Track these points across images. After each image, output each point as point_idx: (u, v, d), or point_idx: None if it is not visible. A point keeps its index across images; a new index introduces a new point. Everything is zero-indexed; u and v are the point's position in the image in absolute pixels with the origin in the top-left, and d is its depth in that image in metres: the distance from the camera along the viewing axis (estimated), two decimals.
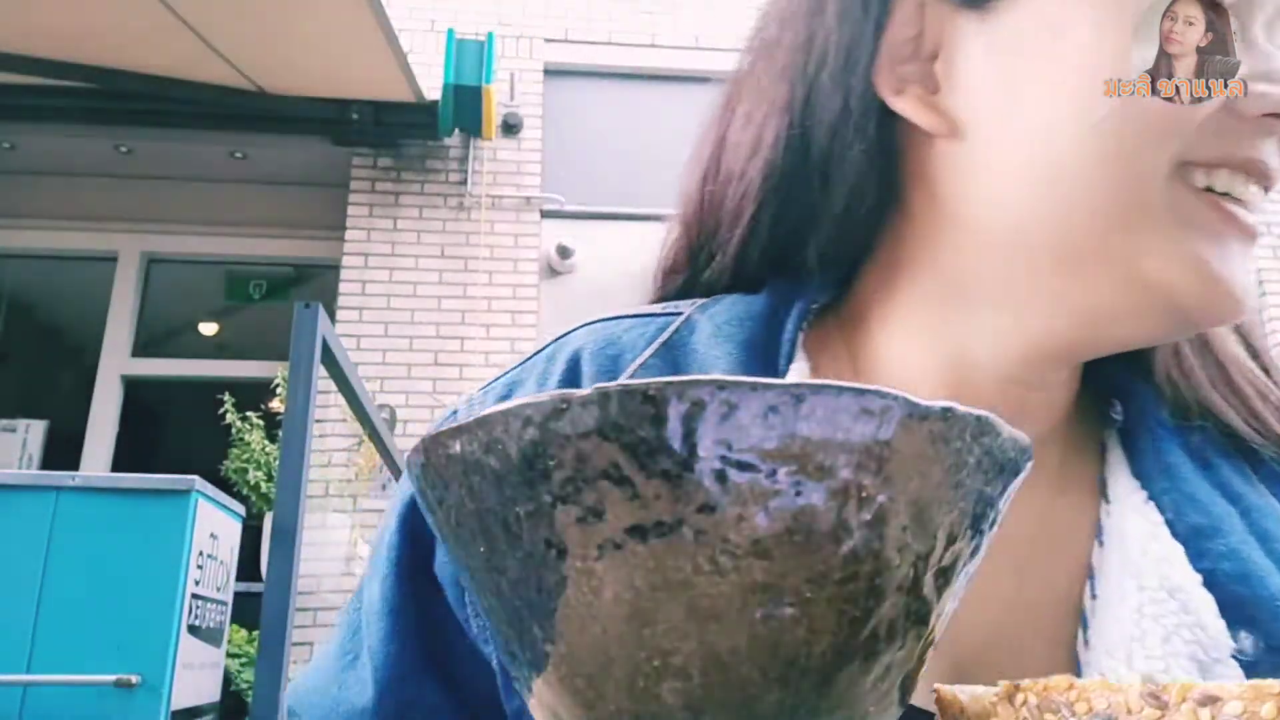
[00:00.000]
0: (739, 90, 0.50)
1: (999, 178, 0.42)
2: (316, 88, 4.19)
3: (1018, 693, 0.24)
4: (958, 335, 0.45)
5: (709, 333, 0.47)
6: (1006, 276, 0.43)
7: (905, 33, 0.43)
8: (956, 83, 0.43)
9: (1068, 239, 0.40)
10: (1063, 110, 0.39)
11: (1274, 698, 0.20)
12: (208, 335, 5.53)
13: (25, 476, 2.85)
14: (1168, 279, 0.39)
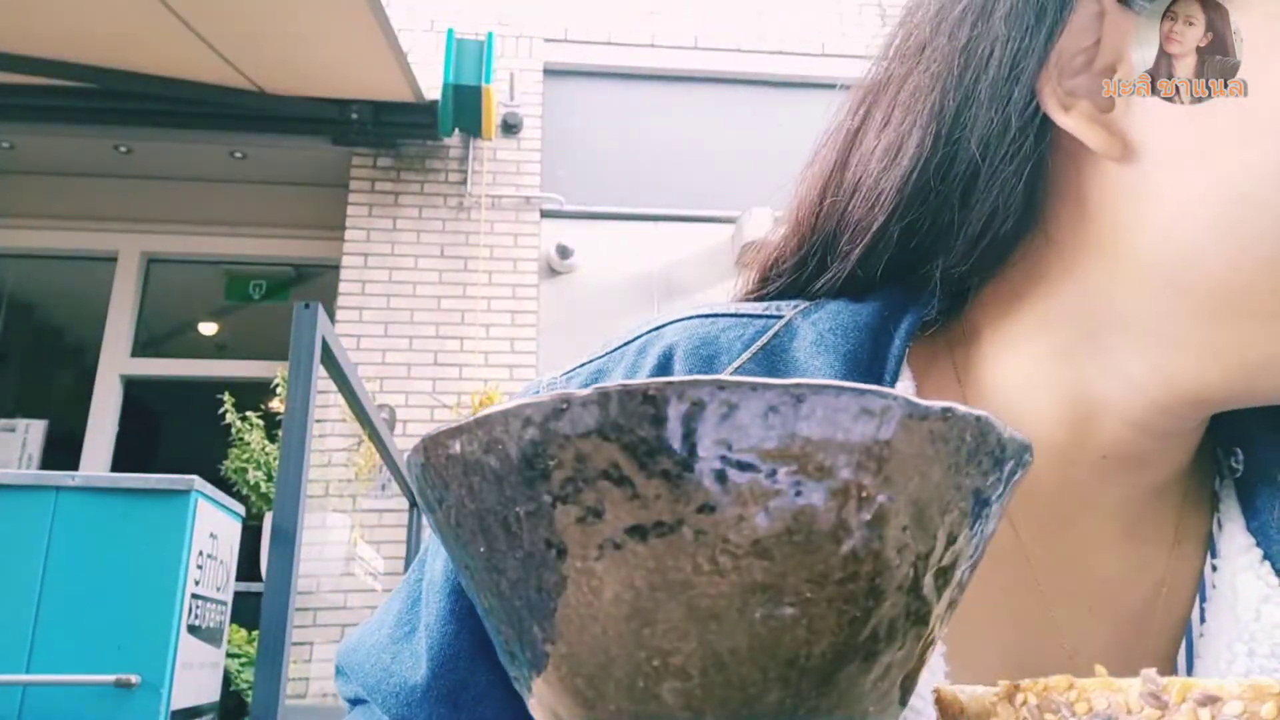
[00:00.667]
0: (878, 96, 0.46)
1: (1173, 210, 0.37)
2: (316, 88, 4.19)
3: (1018, 692, 0.24)
4: (1086, 371, 0.42)
5: (811, 340, 0.44)
6: (1160, 316, 0.38)
7: (1080, 42, 0.39)
8: (1136, 101, 0.38)
9: (1239, 284, 0.36)
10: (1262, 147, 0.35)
11: (1274, 698, 0.20)
12: (208, 335, 5.53)
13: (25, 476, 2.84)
14: None
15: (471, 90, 4.23)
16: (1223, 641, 0.40)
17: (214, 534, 2.67)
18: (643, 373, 0.45)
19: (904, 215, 0.43)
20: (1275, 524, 0.41)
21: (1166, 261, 0.37)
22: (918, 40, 0.44)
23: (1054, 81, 0.39)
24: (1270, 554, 0.41)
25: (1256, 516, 0.42)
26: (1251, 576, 0.41)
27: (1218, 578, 0.42)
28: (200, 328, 5.49)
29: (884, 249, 0.45)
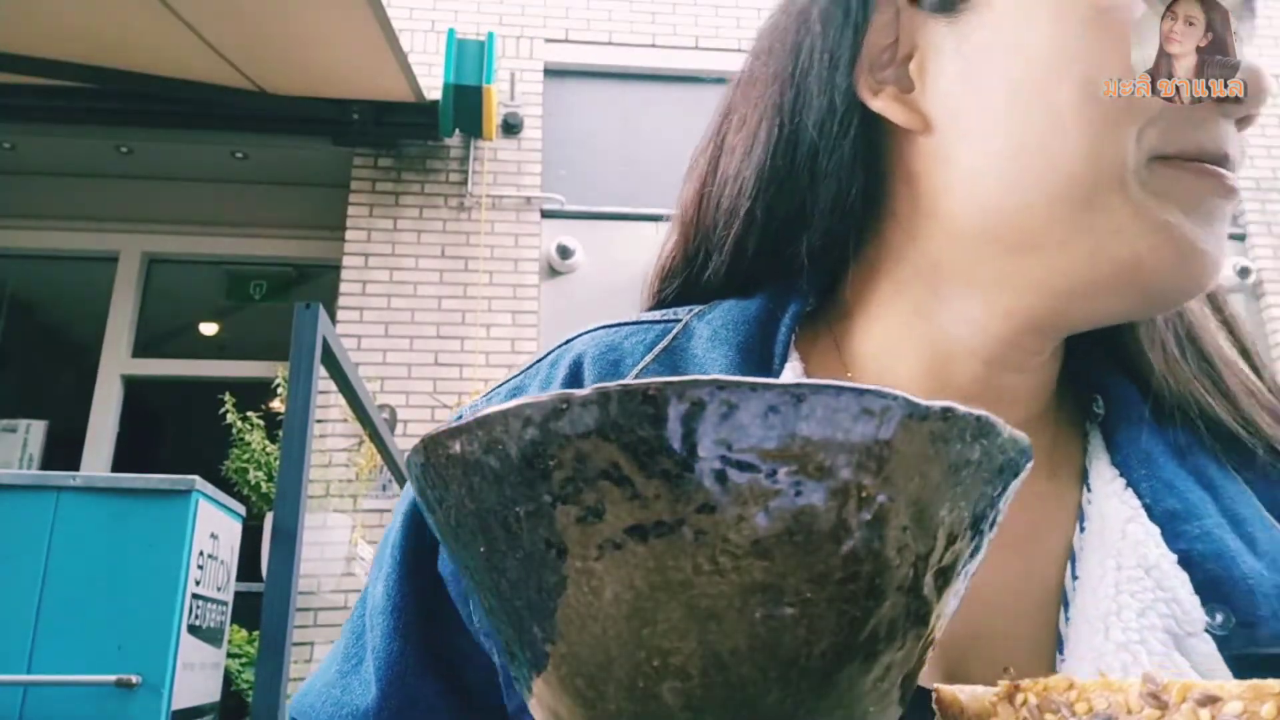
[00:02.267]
0: (736, 98, 0.53)
1: (970, 170, 0.44)
2: (316, 88, 4.19)
3: (1018, 693, 0.24)
4: (937, 323, 0.48)
5: (706, 337, 0.49)
6: (983, 262, 0.45)
7: (883, 39, 0.47)
8: (929, 82, 0.46)
9: (1034, 222, 0.43)
10: (1026, 102, 0.42)
11: (1274, 697, 0.20)
12: (208, 335, 5.53)
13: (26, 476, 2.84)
14: (1136, 251, 0.42)
15: (472, 90, 4.23)
16: (1095, 559, 0.44)
17: (215, 534, 2.67)
18: (556, 384, 0.49)
19: (764, 197, 0.50)
20: (1135, 457, 0.47)
21: (974, 215, 0.45)
22: (763, 46, 0.52)
23: (866, 72, 0.47)
24: (1131, 481, 0.46)
25: (1118, 451, 0.48)
26: (1117, 502, 0.46)
27: (1091, 507, 0.47)
28: (201, 328, 5.49)
29: (753, 233, 0.51)
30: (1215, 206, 0.42)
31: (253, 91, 4.14)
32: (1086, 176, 0.41)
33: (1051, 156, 0.42)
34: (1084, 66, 0.41)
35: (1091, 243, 0.42)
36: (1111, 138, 0.41)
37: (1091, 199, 0.41)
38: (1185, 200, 0.42)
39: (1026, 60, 0.42)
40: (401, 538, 0.48)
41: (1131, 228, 0.41)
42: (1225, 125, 0.43)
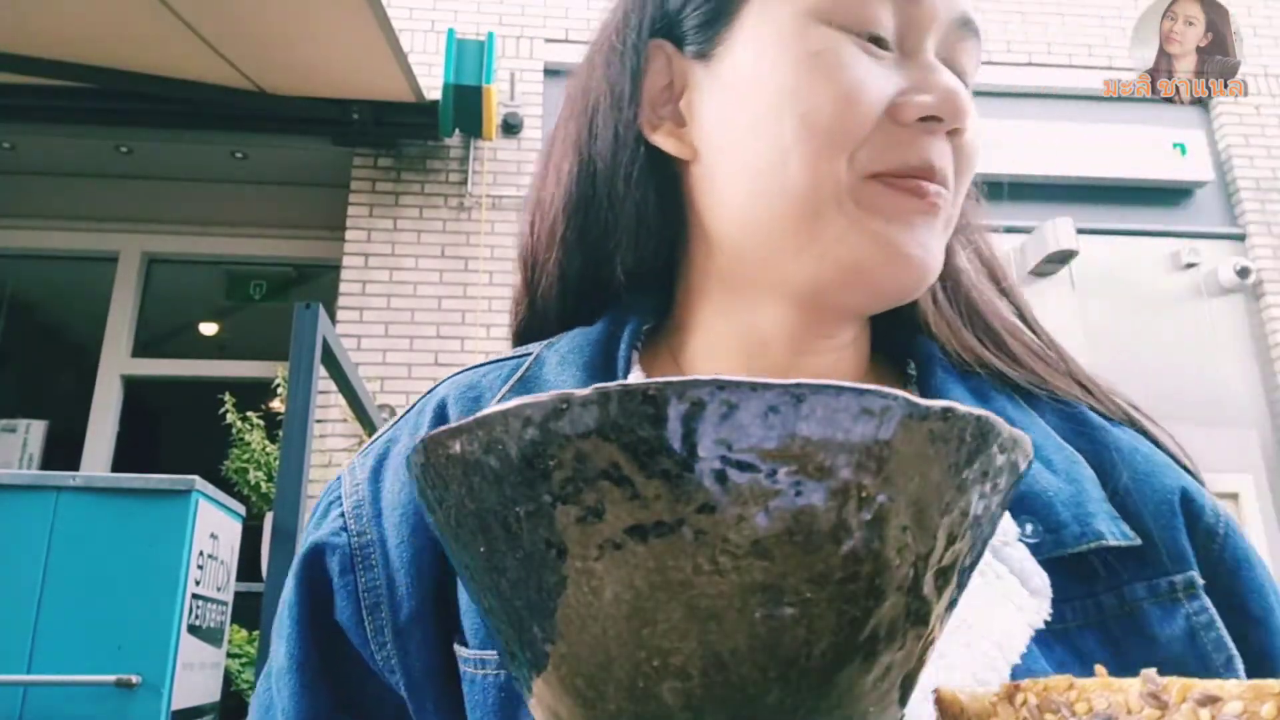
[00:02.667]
0: (553, 139, 0.61)
1: (724, 190, 0.52)
2: (316, 88, 4.19)
3: (1018, 693, 0.24)
4: (745, 320, 0.55)
5: (555, 363, 0.55)
6: (749, 268, 0.53)
7: (660, 81, 0.55)
8: (695, 118, 0.54)
9: (774, 234, 0.50)
10: (759, 134, 0.50)
11: (1274, 697, 0.20)
12: (208, 335, 5.53)
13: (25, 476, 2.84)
14: (854, 254, 0.49)
15: (472, 90, 4.23)
16: None
17: (215, 534, 2.67)
18: (424, 429, 0.53)
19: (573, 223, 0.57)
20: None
21: (733, 230, 0.53)
22: (569, 89, 0.60)
23: (649, 110, 0.55)
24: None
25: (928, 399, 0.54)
26: None
27: None
28: (201, 328, 5.49)
29: (570, 254, 0.58)
30: (918, 218, 0.49)
31: (253, 91, 4.14)
32: (809, 196, 0.49)
33: (780, 180, 0.49)
34: (801, 103, 0.48)
35: (819, 250, 0.49)
36: (827, 163, 0.48)
37: (815, 214, 0.49)
38: (891, 213, 0.49)
39: (759, 98, 0.50)
40: (295, 596, 0.51)
41: (849, 237, 0.49)
42: (931, 141, 0.49)
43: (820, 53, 0.48)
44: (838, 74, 0.48)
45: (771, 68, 0.49)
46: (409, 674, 0.48)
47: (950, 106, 0.48)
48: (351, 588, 0.49)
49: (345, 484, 0.54)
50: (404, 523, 0.50)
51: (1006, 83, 4.74)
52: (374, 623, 0.48)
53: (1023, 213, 4.49)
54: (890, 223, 0.49)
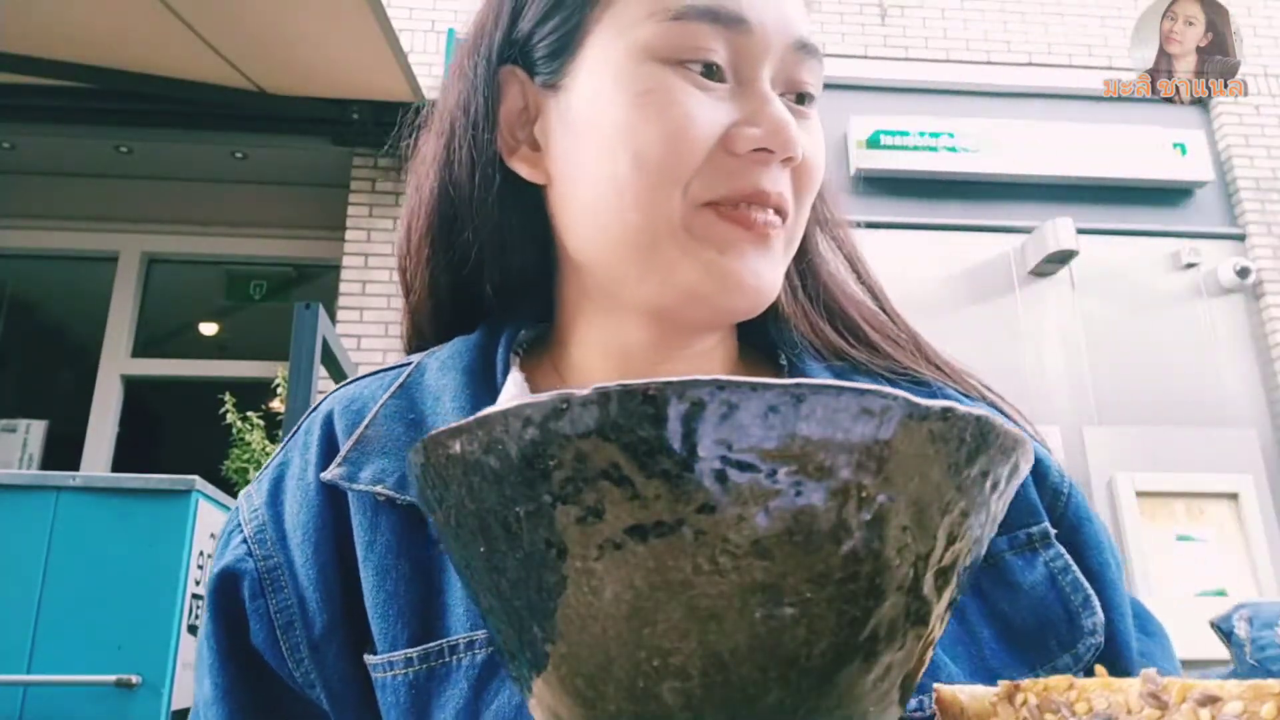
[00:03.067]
0: (418, 154, 0.63)
1: (574, 215, 0.55)
2: (316, 88, 4.19)
3: (1018, 693, 0.24)
4: (613, 334, 0.57)
5: (435, 368, 0.57)
6: (604, 287, 0.56)
7: (515, 105, 0.57)
8: (548, 143, 0.56)
9: (618, 260, 0.53)
10: (598, 168, 0.52)
11: (1274, 697, 0.20)
12: (208, 335, 5.53)
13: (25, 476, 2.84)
14: (690, 281, 0.51)
15: None
16: None
17: (215, 534, 2.66)
18: (313, 447, 0.55)
19: (438, 242, 0.60)
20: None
21: (588, 254, 0.55)
22: (432, 113, 0.62)
23: (507, 133, 0.57)
24: None
25: None
26: None
27: None
28: (200, 328, 5.49)
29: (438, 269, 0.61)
30: (749, 247, 0.51)
31: (253, 91, 4.14)
32: (645, 229, 0.51)
33: (619, 214, 0.51)
34: (634, 141, 0.50)
35: (659, 277, 0.52)
36: (660, 197, 0.50)
37: (652, 245, 0.51)
38: (722, 243, 0.51)
39: (598, 134, 0.52)
40: (211, 627, 0.53)
41: (684, 266, 0.51)
42: (763, 170, 0.51)
43: (651, 90, 0.50)
44: (667, 111, 0.50)
45: (608, 104, 0.51)
46: (329, 686, 0.50)
47: (779, 139, 0.50)
48: (263, 610, 0.51)
49: (243, 511, 0.55)
50: (307, 542, 0.52)
51: (1006, 83, 4.74)
52: (289, 642, 0.50)
53: (1023, 213, 4.49)
54: (722, 253, 0.51)
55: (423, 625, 0.48)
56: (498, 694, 0.46)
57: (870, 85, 4.60)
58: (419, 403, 0.55)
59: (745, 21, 0.50)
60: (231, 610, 0.52)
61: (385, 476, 0.51)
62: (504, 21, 0.57)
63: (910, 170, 4.42)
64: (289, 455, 0.57)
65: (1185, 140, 4.70)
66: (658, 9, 0.50)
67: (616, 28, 0.52)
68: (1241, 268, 4.58)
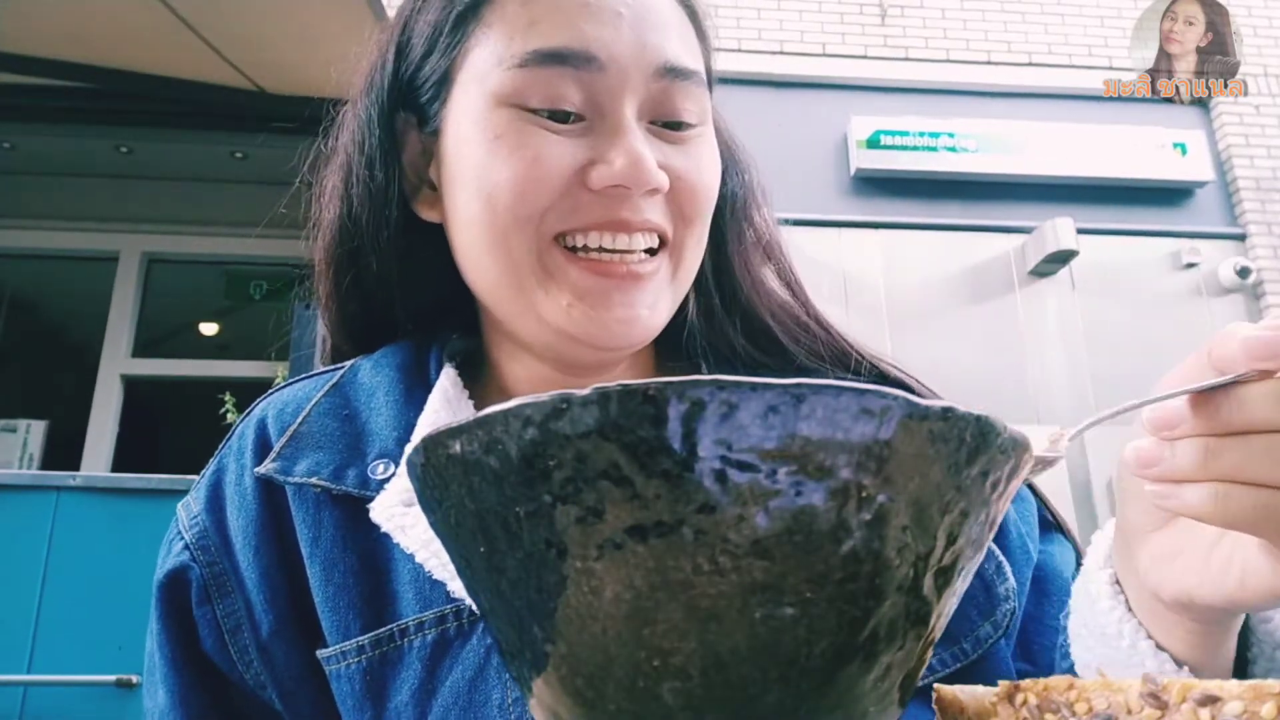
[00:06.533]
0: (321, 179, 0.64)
1: (463, 256, 0.56)
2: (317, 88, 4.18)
3: (1018, 692, 0.24)
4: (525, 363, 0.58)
5: (369, 367, 0.58)
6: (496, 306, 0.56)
7: (415, 149, 0.59)
8: (440, 186, 0.57)
9: (496, 299, 0.55)
10: (462, 211, 0.54)
11: (1274, 697, 0.20)
12: (208, 335, 5.53)
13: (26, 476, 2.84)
14: (557, 323, 0.52)
15: None
16: None
17: None
18: (248, 451, 0.57)
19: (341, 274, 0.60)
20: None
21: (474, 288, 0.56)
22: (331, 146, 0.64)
23: (409, 177, 0.59)
24: None
25: None
26: None
27: None
28: (200, 328, 5.49)
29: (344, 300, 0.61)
30: (612, 293, 0.52)
31: (253, 91, 4.14)
32: (507, 268, 0.52)
33: (488, 254, 0.53)
34: (487, 184, 0.51)
35: (532, 316, 0.53)
36: (513, 237, 0.51)
37: (517, 285, 0.53)
38: (577, 289, 0.52)
39: (463, 177, 0.53)
40: (162, 636, 0.54)
41: (547, 306, 0.52)
42: (625, 202, 0.51)
43: (501, 135, 0.51)
44: (515, 154, 0.51)
45: (470, 149, 0.53)
46: (280, 685, 0.51)
47: (633, 174, 0.50)
48: (210, 616, 0.53)
49: (183, 520, 0.57)
50: (248, 545, 0.52)
51: (1006, 83, 4.74)
52: (236, 645, 0.52)
53: (1023, 213, 4.48)
54: (580, 299, 0.52)
55: (373, 613, 0.49)
56: (450, 671, 0.47)
57: (870, 85, 4.60)
58: (353, 399, 0.56)
59: (595, 59, 0.51)
60: (179, 618, 0.54)
61: (320, 469, 0.52)
62: (389, 67, 0.59)
63: (910, 170, 4.42)
64: (224, 462, 0.59)
65: (1185, 140, 4.70)
66: (505, 56, 0.51)
67: (474, 75, 0.53)
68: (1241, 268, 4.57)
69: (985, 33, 4.85)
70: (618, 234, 0.52)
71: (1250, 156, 4.84)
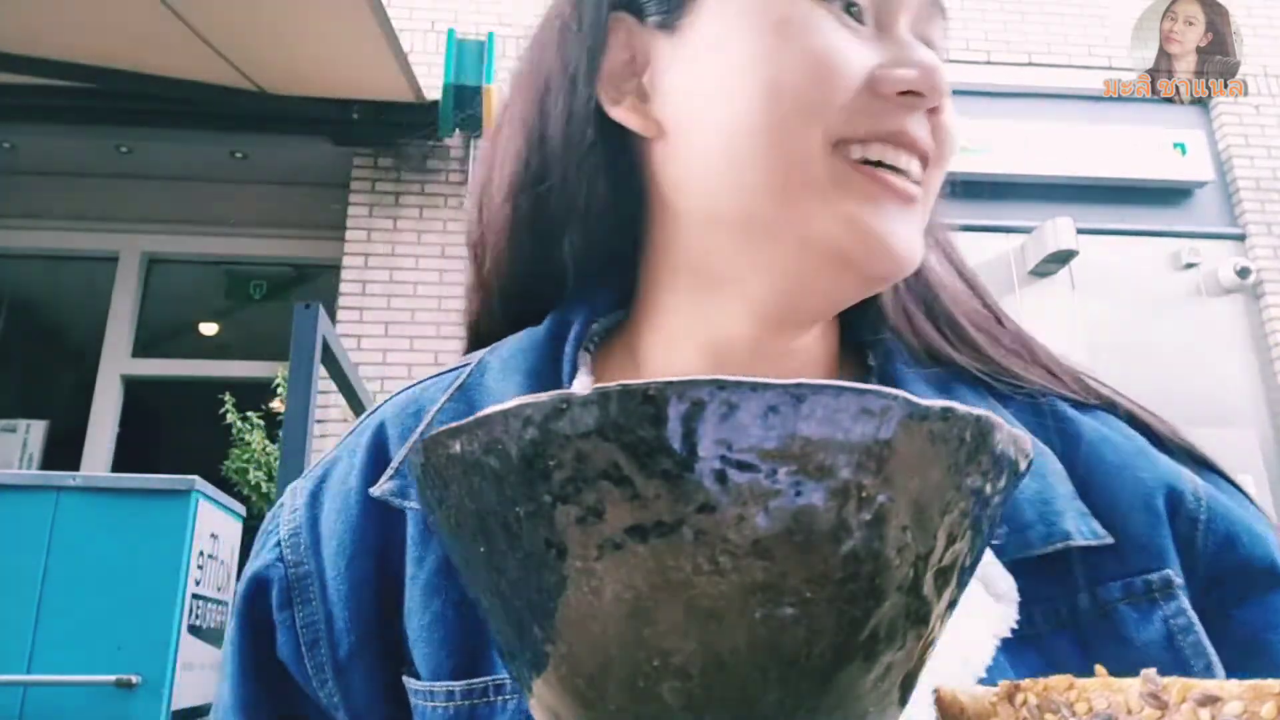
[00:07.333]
0: (500, 124, 0.58)
1: (692, 167, 0.49)
2: (316, 88, 4.19)
3: (1018, 692, 0.24)
4: (707, 318, 0.51)
5: (497, 369, 0.52)
6: (720, 253, 0.49)
7: (621, 55, 0.52)
8: (659, 91, 0.50)
9: (747, 214, 0.47)
10: (730, 106, 0.47)
11: (1274, 697, 0.20)
12: (208, 335, 5.53)
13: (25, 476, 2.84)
14: (833, 239, 0.46)
15: (472, 90, 4.22)
16: None
17: (215, 534, 2.67)
18: (361, 450, 0.52)
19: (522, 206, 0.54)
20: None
21: (700, 210, 0.49)
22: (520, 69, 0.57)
23: (609, 85, 0.52)
24: None
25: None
26: None
27: None
28: (200, 328, 5.49)
29: (521, 240, 0.55)
30: (891, 205, 0.46)
31: (253, 91, 4.14)
32: (778, 170, 0.45)
33: (745, 154, 0.46)
34: (769, 68, 0.45)
35: (798, 234, 0.46)
36: (797, 133, 0.45)
37: (787, 193, 0.46)
38: (865, 197, 0.45)
39: (725, 68, 0.47)
40: (239, 634, 0.50)
41: (822, 218, 0.45)
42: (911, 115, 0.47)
43: (789, 19, 0.46)
44: (809, 39, 0.45)
45: (739, 35, 0.47)
46: (353, 711, 0.47)
47: (931, 81, 0.46)
48: (290, 623, 0.48)
49: (285, 510, 0.52)
50: (340, 554, 0.48)
51: (1006, 83, 4.74)
52: (314, 660, 0.47)
53: (1023, 213, 4.49)
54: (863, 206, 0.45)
55: (469, 656, 0.44)
56: None
57: None
58: (477, 406, 0.50)
59: None
60: (259, 619, 0.49)
61: None
62: None
63: None
64: (339, 454, 0.53)
65: (1185, 140, 4.70)
66: None
67: None
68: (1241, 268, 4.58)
69: (985, 33, 4.85)
70: (899, 149, 0.46)
71: (1250, 156, 4.84)
